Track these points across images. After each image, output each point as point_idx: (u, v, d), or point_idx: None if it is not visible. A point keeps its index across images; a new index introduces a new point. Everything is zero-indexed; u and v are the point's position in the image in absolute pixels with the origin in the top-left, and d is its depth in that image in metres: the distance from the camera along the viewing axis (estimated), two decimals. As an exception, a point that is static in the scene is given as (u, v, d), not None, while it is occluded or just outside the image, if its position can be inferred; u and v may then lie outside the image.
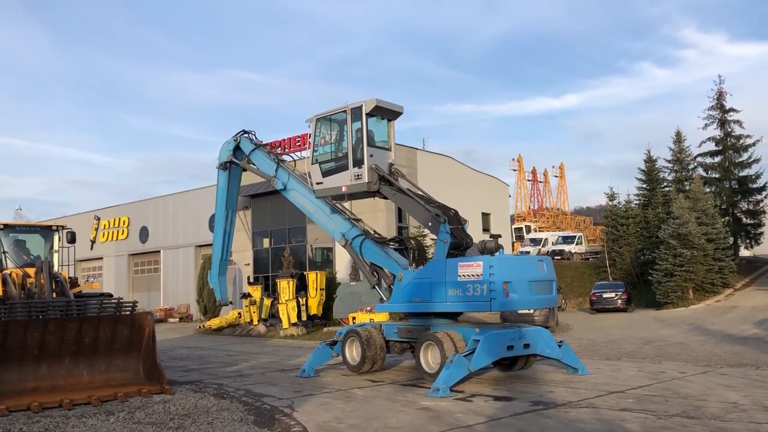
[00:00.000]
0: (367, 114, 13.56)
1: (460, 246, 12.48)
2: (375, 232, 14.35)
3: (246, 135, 17.11)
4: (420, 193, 13.62)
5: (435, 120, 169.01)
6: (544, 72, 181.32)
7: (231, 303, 19.82)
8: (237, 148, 17.14)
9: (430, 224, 12.88)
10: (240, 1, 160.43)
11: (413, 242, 13.52)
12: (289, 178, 15.72)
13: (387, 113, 14.08)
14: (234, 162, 17.23)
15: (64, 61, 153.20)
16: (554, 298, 12.92)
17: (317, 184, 14.37)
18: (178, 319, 40.70)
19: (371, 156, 13.52)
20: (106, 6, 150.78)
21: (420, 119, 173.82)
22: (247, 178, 37.24)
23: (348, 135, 13.74)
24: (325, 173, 14.24)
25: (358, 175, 13.51)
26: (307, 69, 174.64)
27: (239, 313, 30.63)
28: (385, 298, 13.62)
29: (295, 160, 17.95)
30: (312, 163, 14.52)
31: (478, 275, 11.33)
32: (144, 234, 46.81)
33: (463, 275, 11.56)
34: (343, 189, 13.88)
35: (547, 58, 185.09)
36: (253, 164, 16.79)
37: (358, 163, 13.53)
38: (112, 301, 11.75)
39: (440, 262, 12.17)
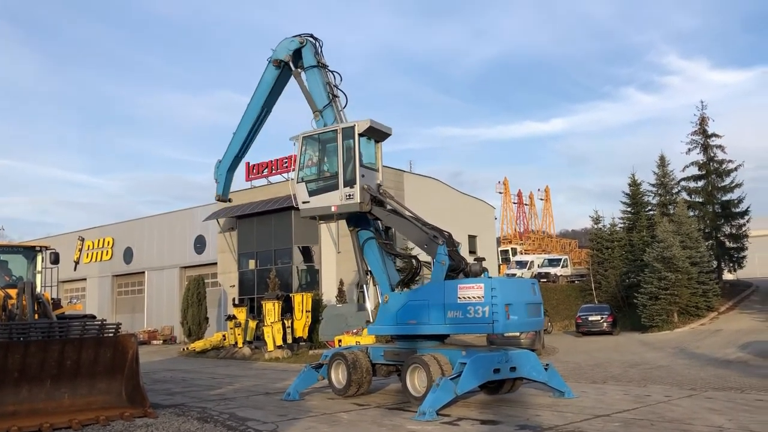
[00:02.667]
0: (359, 134, 13.53)
1: (456, 268, 12.47)
2: (384, 240, 14.07)
3: (314, 42, 14.98)
4: (411, 214, 13.60)
5: (423, 143, 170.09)
6: (531, 96, 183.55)
7: (230, 200, 17.90)
8: (297, 53, 14.98)
9: (426, 246, 12.77)
10: (232, 23, 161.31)
11: (414, 263, 13.51)
12: (333, 123, 14.23)
13: (377, 134, 14.07)
14: (288, 65, 15.14)
15: (53, 82, 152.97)
16: (542, 320, 13.04)
17: (303, 203, 13.98)
18: (161, 342, 40.26)
19: (362, 176, 13.48)
20: (96, 27, 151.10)
21: (408, 142, 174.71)
22: (234, 199, 37.24)
23: (339, 154, 13.52)
24: (313, 192, 13.89)
25: (349, 195, 13.29)
26: (299, 91, 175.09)
27: (224, 336, 30.35)
28: (370, 317, 13.61)
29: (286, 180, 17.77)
30: (297, 182, 14.12)
31: (479, 297, 11.33)
32: (128, 255, 46.43)
33: (464, 297, 11.54)
34: (333, 209, 13.56)
35: (534, 83, 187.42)
36: (305, 83, 14.88)
37: (350, 183, 13.33)
38: (95, 323, 11.60)
39: (438, 284, 12.11)
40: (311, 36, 14.96)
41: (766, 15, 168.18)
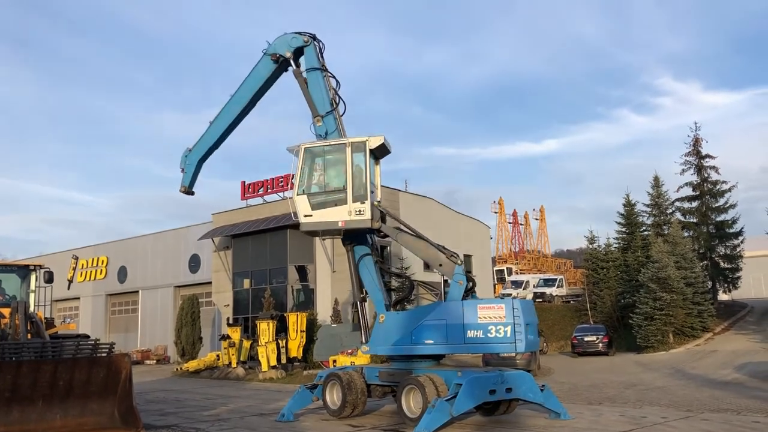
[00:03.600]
0: (370, 150, 13.37)
1: (469, 289, 12.57)
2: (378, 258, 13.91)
3: (317, 43, 14.55)
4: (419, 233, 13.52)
5: (417, 162, 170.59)
6: (524, 117, 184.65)
7: (192, 194, 15.71)
8: (298, 52, 14.58)
9: (441, 265, 12.77)
10: (225, 43, 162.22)
11: (408, 283, 13.49)
12: (335, 130, 14.05)
13: (379, 151, 13.94)
14: (287, 62, 14.65)
15: (45, 100, 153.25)
16: (538, 340, 13.23)
17: (305, 216, 13.49)
18: (155, 361, 39.96)
19: (371, 193, 13.33)
20: (89, 45, 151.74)
21: (402, 161, 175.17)
22: (229, 218, 37.30)
23: (348, 169, 13.22)
24: (316, 206, 13.45)
25: (359, 211, 13.03)
26: (292, 110, 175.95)
27: (217, 356, 30.14)
28: (364, 338, 13.48)
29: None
30: (298, 194, 13.62)
31: (501, 317, 11.66)
32: (122, 274, 46.24)
33: (484, 317, 11.77)
34: (340, 224, 13.20)
35: (527, 103, 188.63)
36: (307, 85, 14.36)
37: (360, 198, 13.08)
38: (89, 342, 11.53)
39: (456, 304, 12.15)
40: (314, 36, 14.55)
41: (757, 38, 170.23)
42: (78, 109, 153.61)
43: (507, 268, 60.60)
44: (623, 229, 41.07)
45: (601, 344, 31.15)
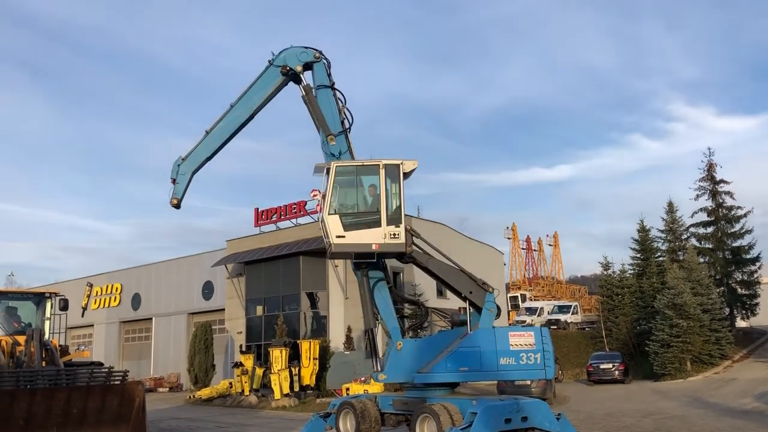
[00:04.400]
0: (404, 173, 13.16)
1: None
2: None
3: (326, 60, 14.17)
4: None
5: (430, 188, 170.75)
6: (536, 143, 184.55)
7: (180, 207, 14.25)
8: (308, 67, 14.11)
9: (472, 292, 12.71)
10: (240, 74, 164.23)
11: (423, 310, 13.42)
12: (346, 151, 13.69)
13: (405, 176, 13.57)
14: (296, 76, 14.09)
15: (65, 128, 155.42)
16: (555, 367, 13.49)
17: (338, 237, 12.77)
18: (167, 389, 39.85)
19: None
20: (108, 75, 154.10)
21: (415, 188, 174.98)
22: (243, 245, 37.44)
23: (382, 191, 12.93)
24: (349, 227, 12.86)
25: (394, 235, 12.75)
26: (307, 138, 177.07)
27: (230, 383, 30.03)
28: (378, 366, 13.31)
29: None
30: (329, 213, 12.88)
31: (531, 345, 12.07)
32: (136, 301, 46.39)
33: (516, 344, 12.05)
34: (374, 247, 12.75)
35: (540, 130, 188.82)
36: (317, 102, 13.86)
37: (394, 221, 12.84)
38: (103, 370, 11.56)
39: (489, 331, 12.25)
40: (321, 53, 14.15)
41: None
42: (98, 138, 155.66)
43: (521, 294, 60.19)
44: (638, 255, 40.77)
45: (617, 372, 30.73)
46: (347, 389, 23.10)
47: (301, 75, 14.01)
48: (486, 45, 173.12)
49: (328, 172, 13.17)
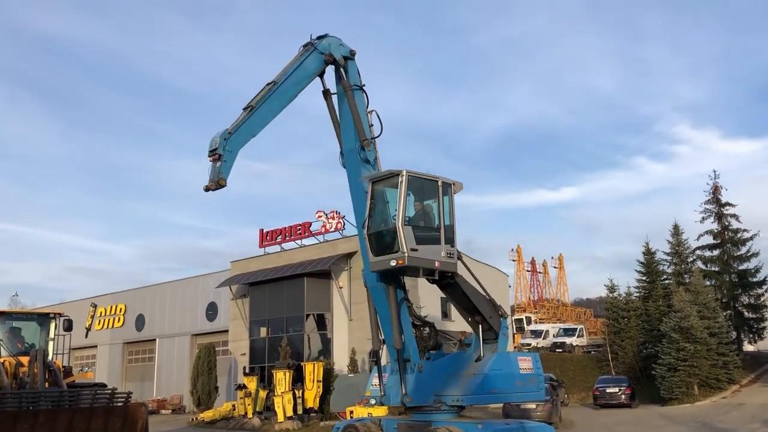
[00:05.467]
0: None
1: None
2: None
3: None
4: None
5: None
6: (541, 165, 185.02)
7: (223, 187, 11.60)
8: (338, 65, 13.11)
9: (491, 317, 12.83)
10: (249, 95, 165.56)
11: (432, 331, 13.29)
12: (374, 159, 12.92)
13: None
14: (338, 70, 13.11)
15: (72, 150, 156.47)
16: None
17: (412, 250, 11.75)
18: (170, 411, 39.63)
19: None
20: (116, 96, 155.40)
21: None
22: (247, 266, 37.40)
23: (440, 208, 12.44)
24: (419, 241, 11.94)
25: (450, 254, 12.31)
26: (314, 159, 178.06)
27: (233, 406, 29.85)
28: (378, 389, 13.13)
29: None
30: (405, 224, 11.83)
31: (530, 369, 12.60)
32: (140, 322, 46.31)
33: (523, 368, 12.55)
34: (436, 264, 12.12)
35: (545, 152, 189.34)
36: (354, 100, 12.91)
37: (451, 241, 12.41)
38: (106, 391, 11.51)
39: (506, 355, 12.62)
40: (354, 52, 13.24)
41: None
42: (106, 159, 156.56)
43: (526, 317, 59.84)
44: (644, 278, 40.54)
45: (623, 396, 30.42)
46: (351, 412, 22.90)
47: (342, 68, 13.03)
48: (492, 67, 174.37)
49: (384, 179, 12.38)
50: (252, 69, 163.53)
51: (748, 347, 40.33)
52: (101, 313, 48.44)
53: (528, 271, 79.68)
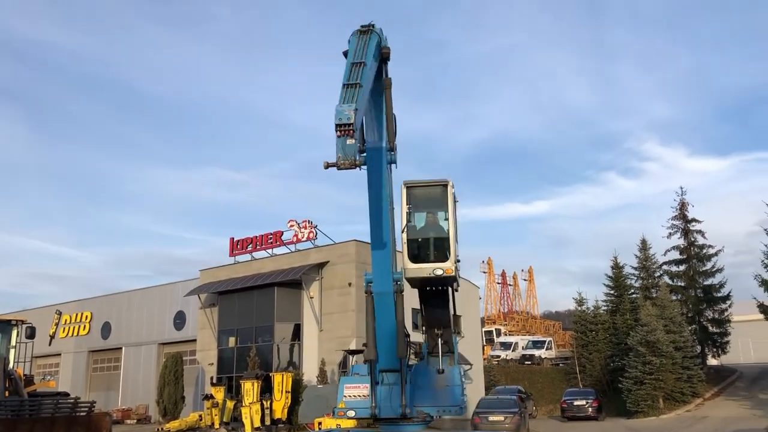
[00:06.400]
0: None
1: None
2: None
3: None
4: None
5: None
6: (514, 179, 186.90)
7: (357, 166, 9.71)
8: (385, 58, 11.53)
9: (453, 331, 12.98)
10: (220, 103, 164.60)
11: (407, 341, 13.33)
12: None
13: None
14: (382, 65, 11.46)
15: (37, 154, 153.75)
16: None
17: (457, 261, 11.81)
18: (135, 421, 38.91)
19: None
20: (85, 101, 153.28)
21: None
22: (217, 275, 37.02)
23: (450, 215, 12.07)
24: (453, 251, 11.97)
25: (457, 261, 12.09)
26: (285, 169, 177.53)
27: (200, 416, 29.45)
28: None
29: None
30: (453, 235, 11.83)
31: (462, 382, 12.43)
32: (106, 330, 45.50)
33: (464, 382, 12.62)
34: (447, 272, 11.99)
35: (517, 166, 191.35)
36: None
37: (456, 249, 12.07)
38: (68, 400, 11.27)
39: (457, 368, 12.78)
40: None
41: (742, 107, 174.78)
42: (73, 165, 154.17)
43: (496, 329, 60.27)
44: (612, 292, 41.10)
45: (590, 408, 30.71)
46: (319, 423, 22.74)
47: (386, 62, 11.51)
48: (467, 82, 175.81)
49: (425, 187, 12.24)
50: (225, 78, 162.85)
51: (712, 361, 41.03)
52: (66, 320, 47.51)
53: (498, 283, 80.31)
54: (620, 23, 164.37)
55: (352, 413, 12.65)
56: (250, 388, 26.62)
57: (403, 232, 11.95)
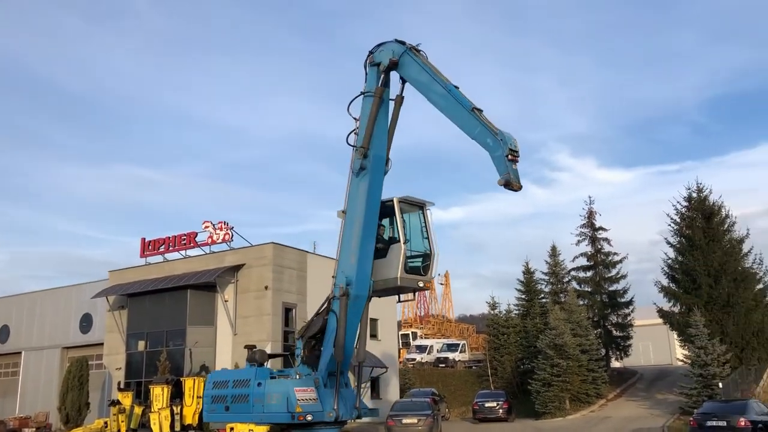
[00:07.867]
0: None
1: None
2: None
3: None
4: None
5: (325, 224, 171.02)
6: (432, 185, 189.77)
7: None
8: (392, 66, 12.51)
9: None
10: (138, 100, 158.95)
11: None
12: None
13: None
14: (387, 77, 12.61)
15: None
16: None
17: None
18: (34, 429, 36.92)
19: None
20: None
21: (310, 223, 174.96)
22: (126, 276, 35.67)
23: (430, 229, 14.14)
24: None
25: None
26: (205, 170, 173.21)
27: (105, 423, 28.24)
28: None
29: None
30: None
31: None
32: (4, 333, 42.98)
33: None
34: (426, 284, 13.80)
35: (435, 173, 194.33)
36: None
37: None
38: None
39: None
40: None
41: (645, 123, 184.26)
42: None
43: (412, 332, 60.85)
44: (523, 296, 42.30)
45: (501, 410, 31.43)
46: (231, 429, 22.26)
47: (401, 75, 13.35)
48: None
49: (410, 204, 13.59)
50: (145, 75, 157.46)
51: (615, 363, 42.87)
52: (-41, 323, 44.56)
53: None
54: (541, 36, 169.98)
55: (310, 417, 12.77)
56: (159, 393, 25.77)
57: (404, 243, 12.96)
